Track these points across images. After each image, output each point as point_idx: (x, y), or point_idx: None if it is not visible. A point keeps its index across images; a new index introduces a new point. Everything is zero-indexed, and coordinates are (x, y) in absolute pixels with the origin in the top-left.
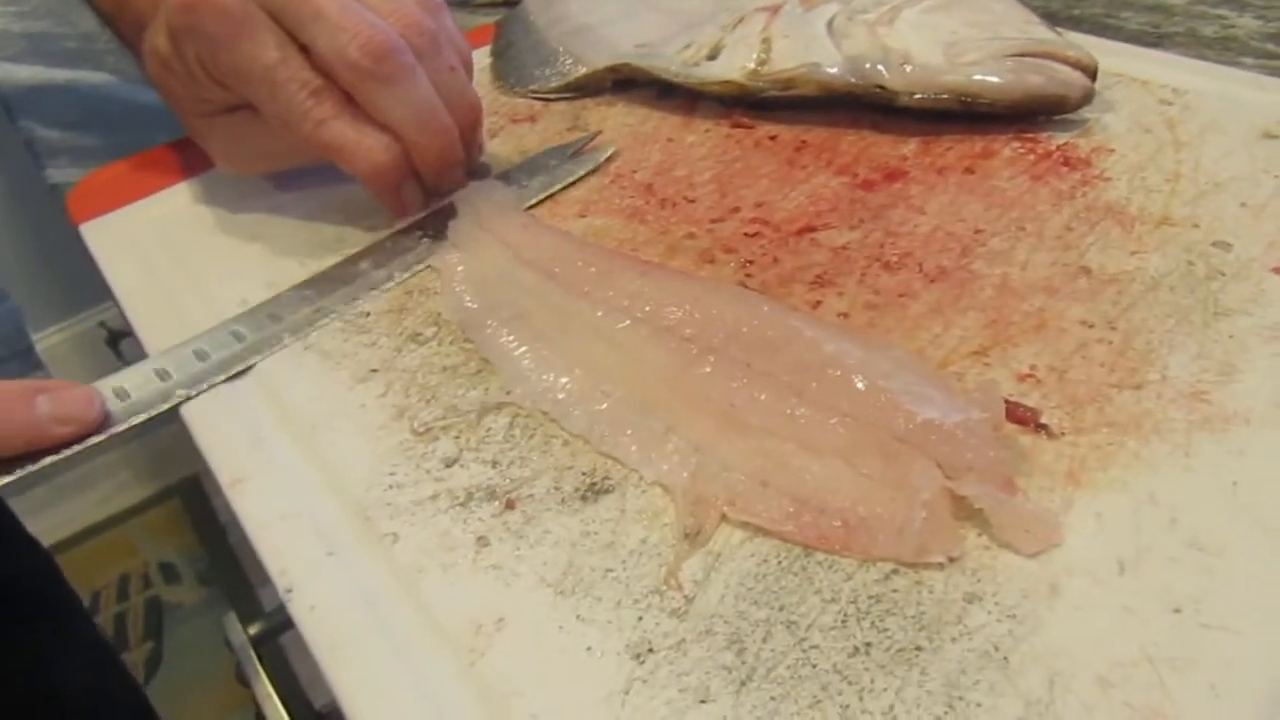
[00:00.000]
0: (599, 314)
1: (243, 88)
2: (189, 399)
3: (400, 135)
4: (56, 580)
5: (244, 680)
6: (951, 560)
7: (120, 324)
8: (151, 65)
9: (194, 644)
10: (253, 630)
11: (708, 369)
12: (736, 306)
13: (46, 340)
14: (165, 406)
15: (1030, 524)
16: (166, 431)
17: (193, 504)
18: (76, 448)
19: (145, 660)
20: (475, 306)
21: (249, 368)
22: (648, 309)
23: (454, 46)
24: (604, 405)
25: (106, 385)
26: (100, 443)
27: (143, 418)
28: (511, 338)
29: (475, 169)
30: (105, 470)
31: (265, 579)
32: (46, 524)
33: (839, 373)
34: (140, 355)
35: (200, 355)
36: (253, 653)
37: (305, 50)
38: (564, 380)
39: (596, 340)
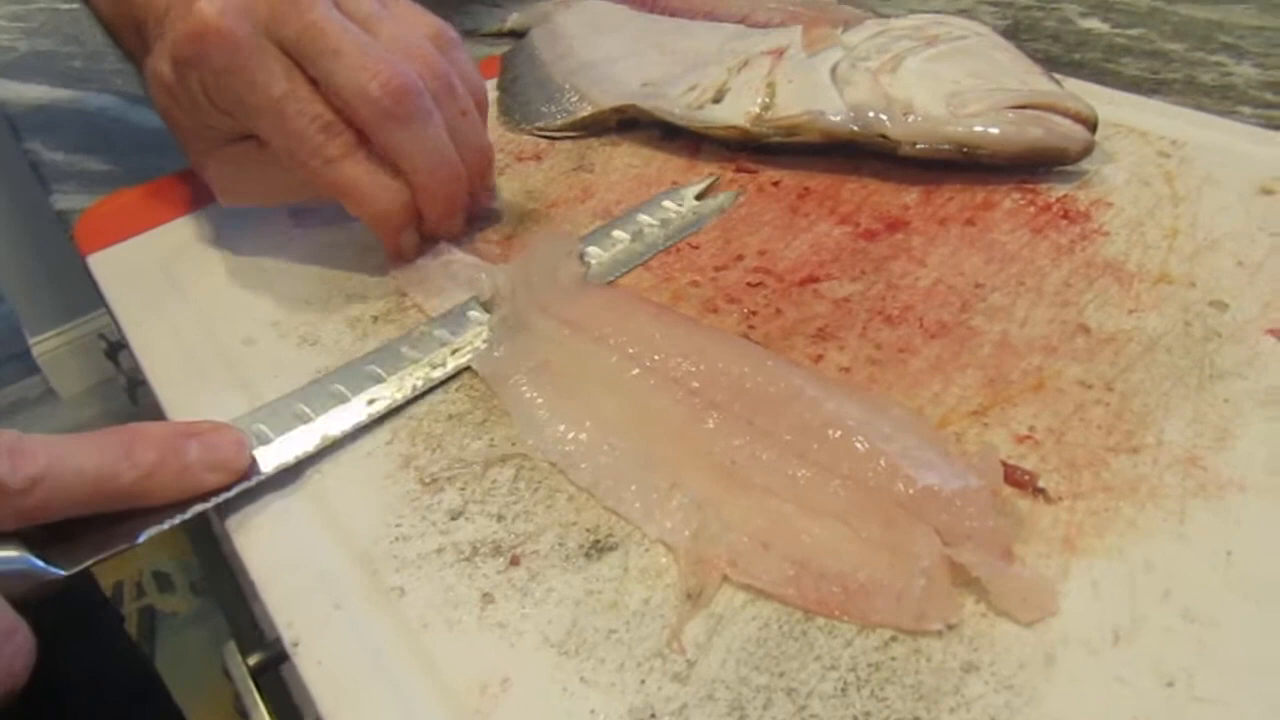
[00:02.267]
0: (613, 359)
1: (249, 119)
2: (328, 441)
3: (410, 178)
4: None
5: (242, 712)
6: (950, 627)
7: (118, 335)
8: (155, 90)
9: (187, 653)
10: (252, 661)
11: (711, 424)
12: (741, 360)
13: (44, 345)
14: (309, 450)
15: (1027, 593)
16: None
17: None
18: (223, 496)
19: None
20: (500, 356)
21: (391, 409)
22: (657, 358)
23: (469, 85)
24: (610, 459)
25: (246, 427)
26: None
27: (289, 460)
28: (530, 388)
29: (485, 213)
30: None
31: (259, 593)
32: None
33: (839, 434)
34: (136, 368)
35: (338, 396)
36: (252, 684)
37: (315, 85)
38: (573, 432)
39: (607, 391)
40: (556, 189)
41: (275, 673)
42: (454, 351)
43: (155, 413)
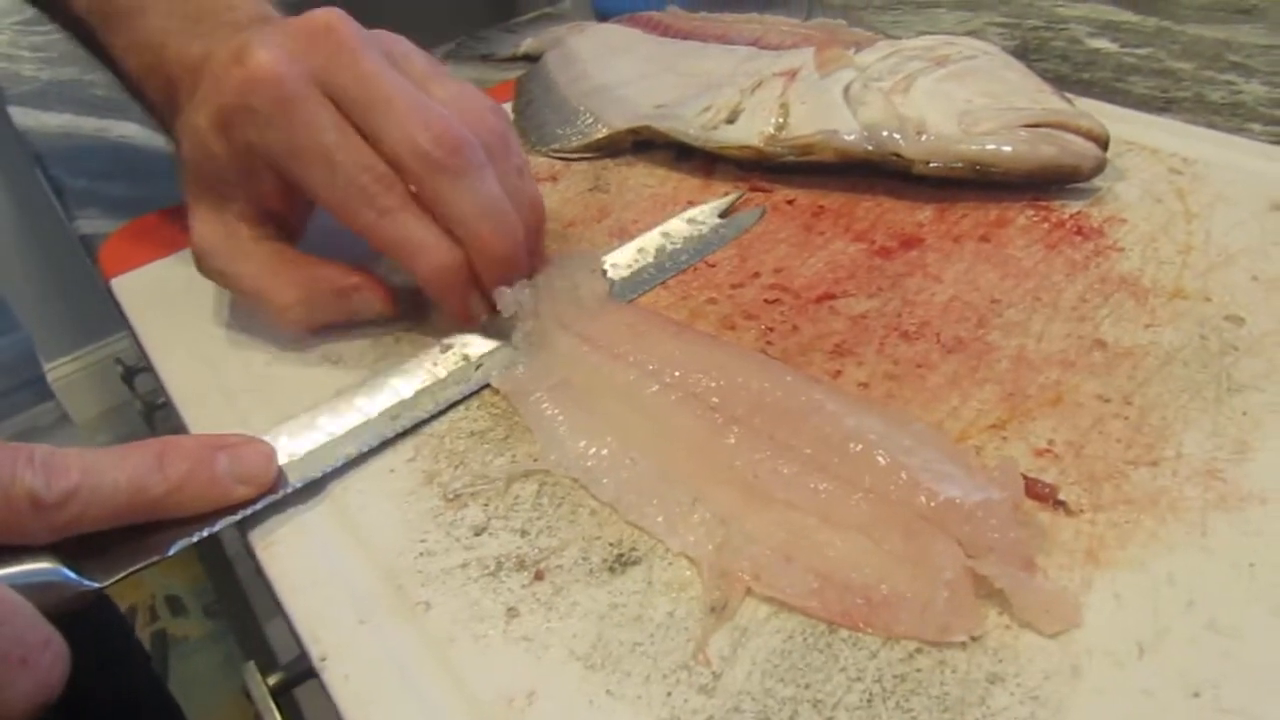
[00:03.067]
0: (632, 377)
1: (298, 169)
2: (352, 457)
3: (465, 234)
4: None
5: None
6: (974, 639)
7: (134, 359)
8: (187, 144)
9: (199, 677)
10: (272, 681)
11: (732, 439)
12: (760, 376)
13: (58, 370)
14: (335, 464)
15: (1051, 605)
16: None
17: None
18: (252, 508)
19: None
20: (522, 373)
21: (415, 423)
22: (677, 374)
23: (519, 149)
24: (631, 474)
25: (271, 440)
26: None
27: (316, 474)
28: (551, 405)
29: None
30: None
31: (272, 613)
32: None
33: (860, 447)
34: (154, 390)
35: (362, 409)
36: (273, 704)
37: (367, 139)
38: (595, 448)
39: (627, 407)
40: (573, 209)
41: (290, 695)
42: (477, 367)
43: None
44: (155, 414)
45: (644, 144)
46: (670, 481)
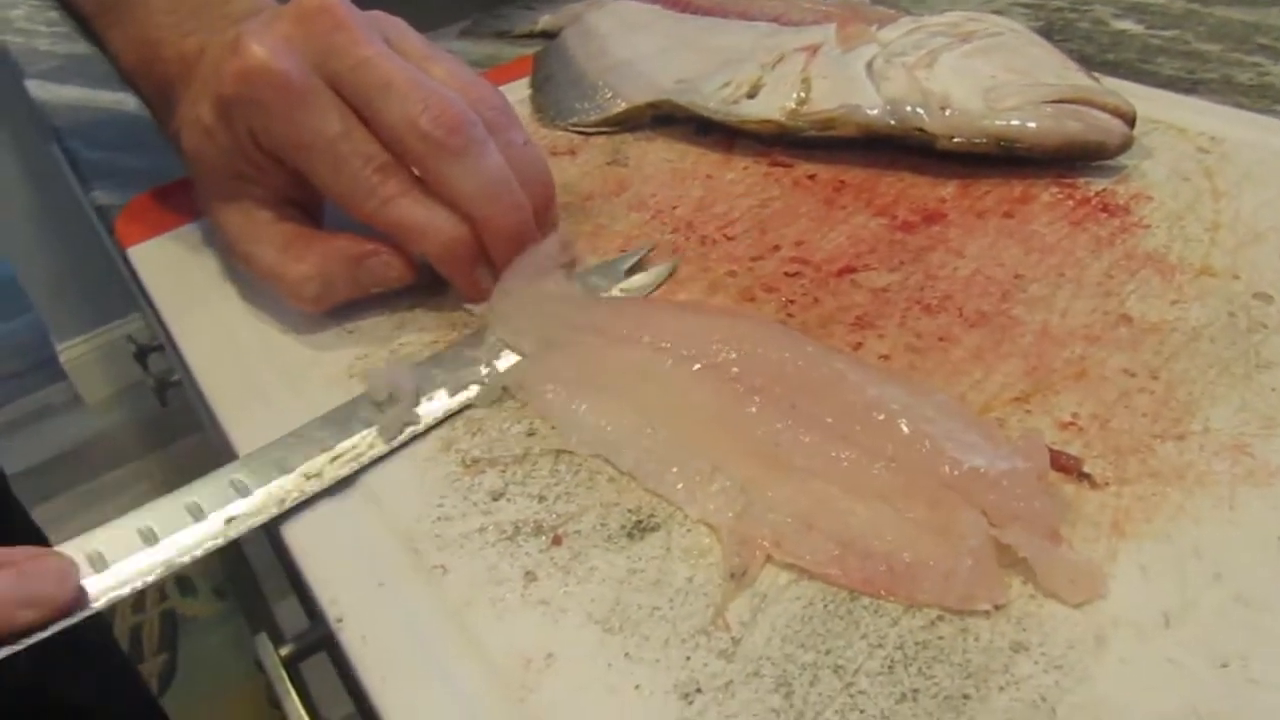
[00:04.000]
0: (645, 355)
1: (301, 161)
2: (175, 567)
3: (470, 212)
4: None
5: (274, 702)
6: (997, 608)
7: (146, 338)
8: (189, 137)
9: (208, 657)
10: (284, 652)
11: (753, 409)
12: (781, 346)
13: (72, 351)
14: (150, 579)
15: (1075, 575)
16: (186, 444)
17: None
18: (39, 635)
19: (160, 672)
20: (530, 371)
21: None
22: (693, 349)
23: (521, 125)
24: (651, 443)
25: (80, 550)
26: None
27: (124, 592)
28: (564, 393)
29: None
30: (126, 481)
31: (281, 593)
32: (66, 535)
33: (883, 416)
34: (167, 369)
35: (193, 511)
36: (284, 672)
37: (366, 123)
38: (613, 423)
39: (643, 383)
40: (591, 182)
41: (297, 669)
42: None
43: (185, 414)
44: (168, 392)
45: (664, 119)
46: (690, 450)
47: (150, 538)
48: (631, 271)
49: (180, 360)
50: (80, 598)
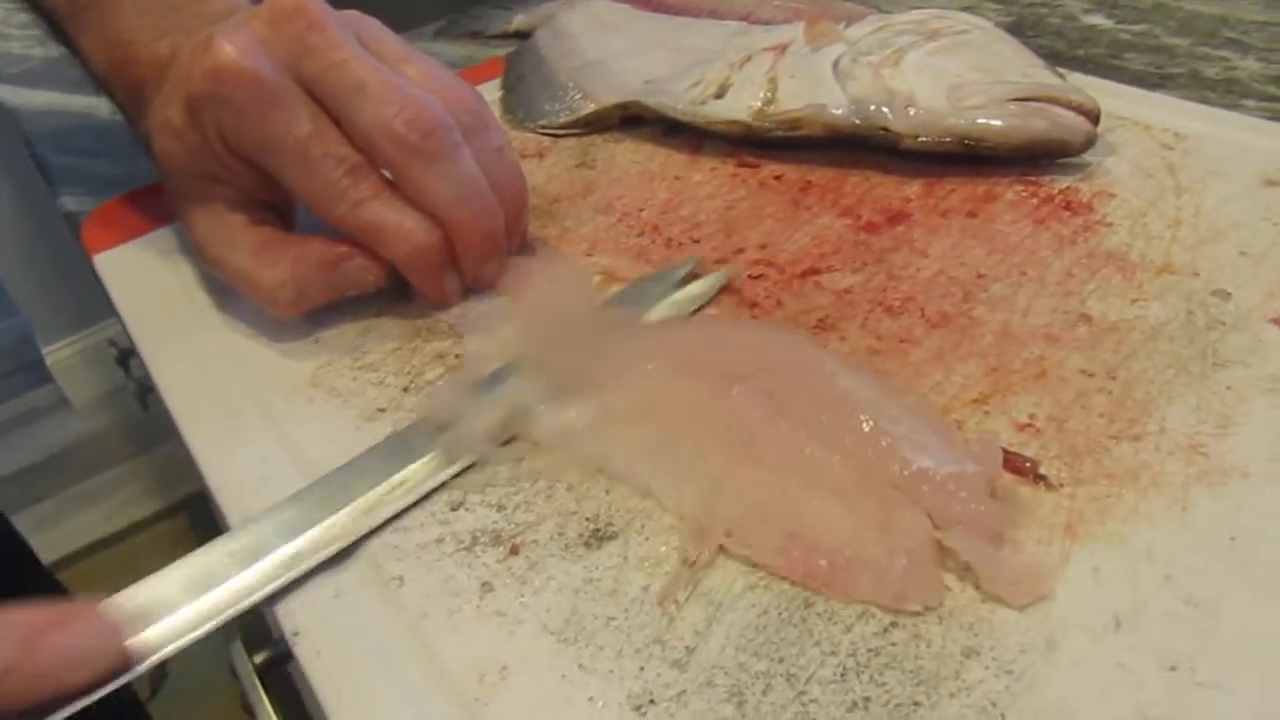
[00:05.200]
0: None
1: (271, 163)
2: (228, 617)
3: (442, 217)
4: None
5: (249, 709)
6: (927, 609)
7: (127, 342)
8: (159, 138)
9: (198, 660)
10: (258, 659)
11: (733, 396)
12: (764, 336)
13: (57, 354)
14: (198, 634)
15: (1016, 578)
16: (175, 447)
17: (200, 520)
18: (87, 699)
19: (149, 676)
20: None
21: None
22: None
23: (498, 128)
24: (640, 444)
25: (129, 601)
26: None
27: (171, 649)
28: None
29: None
30: (113, 485)
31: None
32: (54, 538)
33: (848, 409)
34: (147, 373)
35: (244, 554)
36: (258, 681)
37: (339, 125)
38: (584, 414)
39: (624, 389)
40: (558, 185)
41: (284, 671)
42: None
43: (166, 419)
44: (149, 396)
45: (632, 119)
46: (672, 444)
47: (202, 587)
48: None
49: (146, 368)
50: (129, 656)
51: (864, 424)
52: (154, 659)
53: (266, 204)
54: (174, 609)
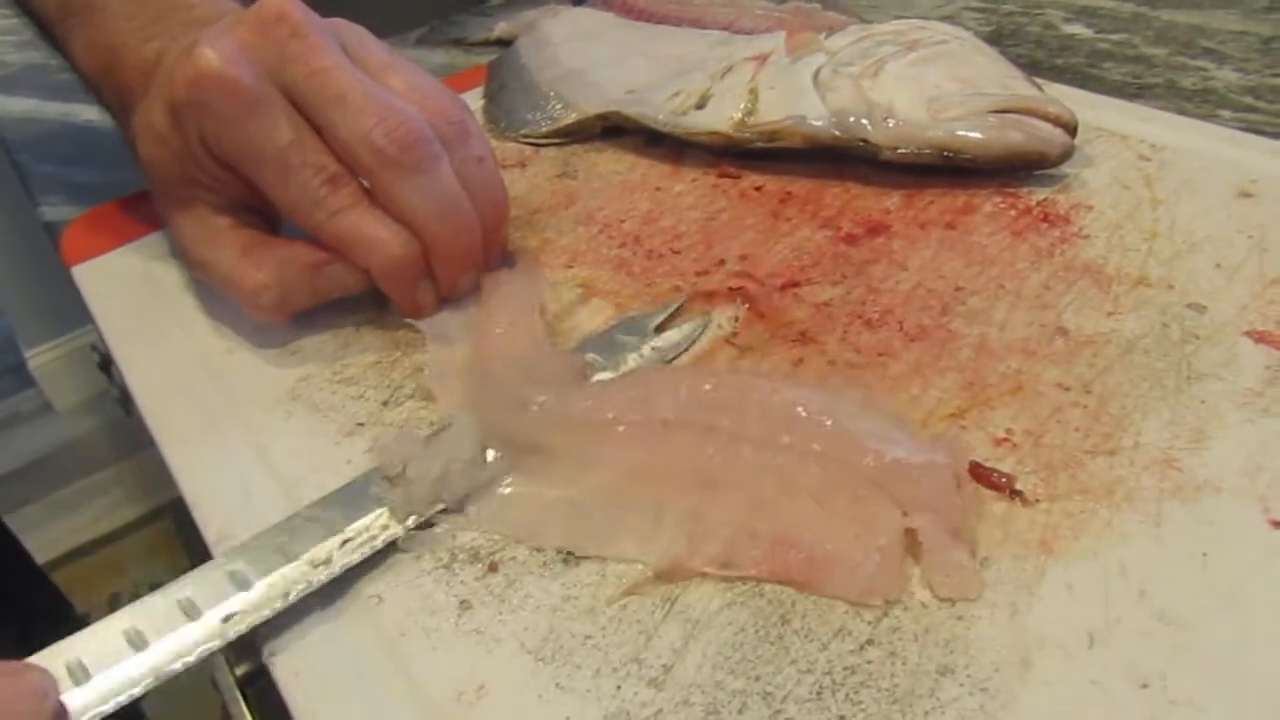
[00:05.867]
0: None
1: (251, 170)
2: (165, 675)
3: (419, 230)
4: None
5: None
6: (889, 603)
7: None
8: (143, 142)
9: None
10: (240, 670)
11: (674, 442)
12: (693, 380)
13: (40, 358)
14: (136, 691)
15: (952, 573)
16: (159, 452)
17: (183, 525)
18: None
19: None
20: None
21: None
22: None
23: (481, 138)
24: (588, 513)
25: (60, 659)
26: None
27: (108, 708)
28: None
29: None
30: (97, 490)
31: None
32: (38, 543)
33: (805, 413)
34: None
35: (186, 609)
36: (239, 694)
37: (320, 134)
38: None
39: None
40: (540, 196)
41: (268, 681)
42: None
43: (146, 424)
44: (130, 401)
45: (614, 129)
46: (626, 506)
47: (138, 643)
48: (661, 328)
49: (124, 378)
50: (61, 714)
51: (827, 423)
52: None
53: (251, 207)
54: (108, 666)
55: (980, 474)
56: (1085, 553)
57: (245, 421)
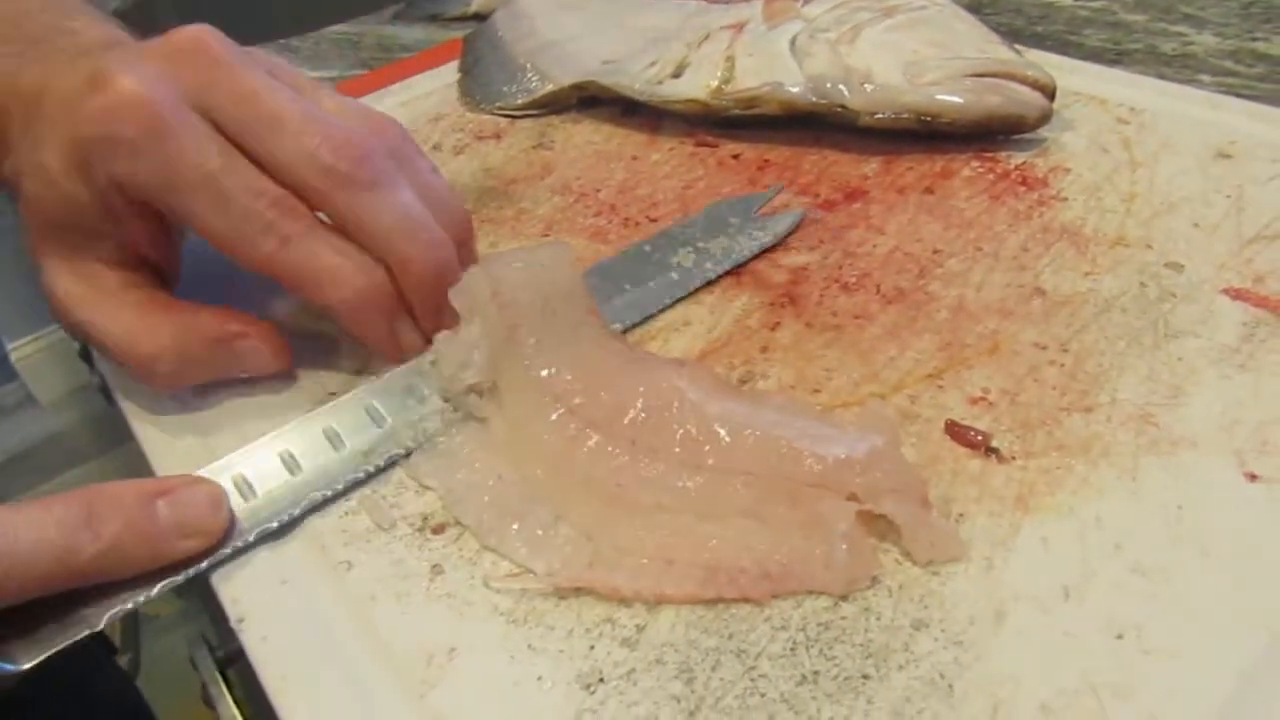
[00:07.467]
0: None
1: (179, 204)
2: (316, 501)
3: (386, 252)
4: None
5: (209, 702)
6: (874, 579)
7: None
8: (33, 185)
9: (171, 656)
10: (221, 651)
11: (590, 445)
12: (627, 377)
13: (21, 350)
14: (297, 511)
15: (935, 538)
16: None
17: None
18: (198, 567)
19: (126, 670)
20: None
21: (391, 463)
22: (546, 374)
23: (425, 154)
24: (493, 496)
25: (225, 474)
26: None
27: (274, 525)
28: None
29: None
30: (83, 481)
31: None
32: None
33: (727, 431)
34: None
35: (331, 438)
36: (218, 674)
37: (255, 163)
38: (464, 471)
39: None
40: (516, 166)
41: (247, 664)
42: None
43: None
44: (112, 392)
45: (590, 100)
46: (532, 500)
47: (293, 465)
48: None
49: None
50: (234, 527)
51: (751, 437)
52: (246, 539)
53: (146, 262)
54: (268, 486)
55: (956, 432)
56: (1061, 508)
57: (221, 405)
